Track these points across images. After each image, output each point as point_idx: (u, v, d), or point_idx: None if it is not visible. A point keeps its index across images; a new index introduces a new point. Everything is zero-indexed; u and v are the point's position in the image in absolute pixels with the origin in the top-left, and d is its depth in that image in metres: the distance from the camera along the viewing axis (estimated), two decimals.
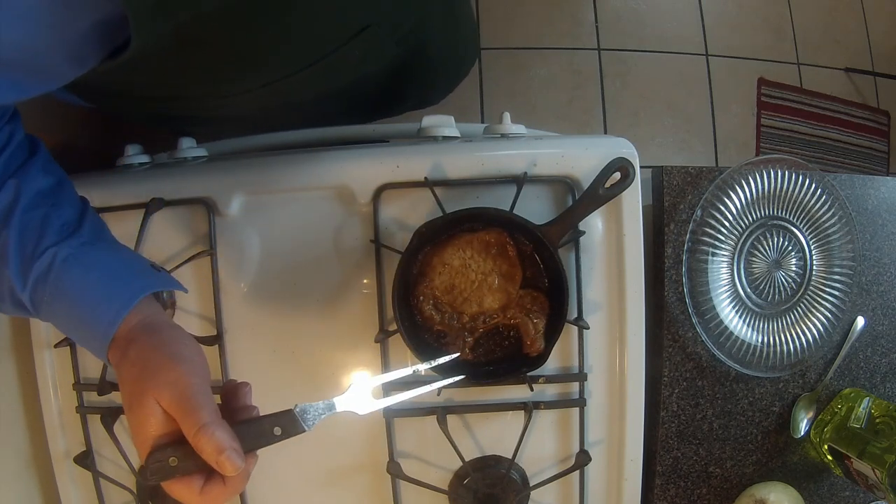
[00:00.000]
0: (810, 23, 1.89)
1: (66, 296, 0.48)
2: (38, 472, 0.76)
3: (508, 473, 0.70)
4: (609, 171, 0.63)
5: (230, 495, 0.46)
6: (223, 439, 0.43)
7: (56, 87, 0.45)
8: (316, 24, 0.59)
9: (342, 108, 0.87)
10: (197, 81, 0.62)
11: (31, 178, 0.51)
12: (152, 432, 0.44)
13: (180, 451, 0.44)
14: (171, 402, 0.44)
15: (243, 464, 0.44)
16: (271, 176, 0.69)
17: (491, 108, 1.69)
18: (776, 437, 0.80)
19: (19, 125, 0.52)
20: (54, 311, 0.49)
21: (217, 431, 0.43)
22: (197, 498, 0.45)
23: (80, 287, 0.48)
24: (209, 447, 0.43)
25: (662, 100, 1.78)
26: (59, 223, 0.50)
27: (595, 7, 1.78)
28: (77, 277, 0.48)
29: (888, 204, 0.82)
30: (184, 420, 0.44)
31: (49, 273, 0.48)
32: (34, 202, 0.50)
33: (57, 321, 0.50)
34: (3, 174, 0.50)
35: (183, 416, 0.44)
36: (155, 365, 0.45)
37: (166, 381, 0.44)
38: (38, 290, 0.48)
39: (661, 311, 0.78)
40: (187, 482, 0.45)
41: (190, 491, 0.45)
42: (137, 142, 0.76)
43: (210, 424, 0.43)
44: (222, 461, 0.43)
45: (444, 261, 0.65)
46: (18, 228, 0.48)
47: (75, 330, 0.50)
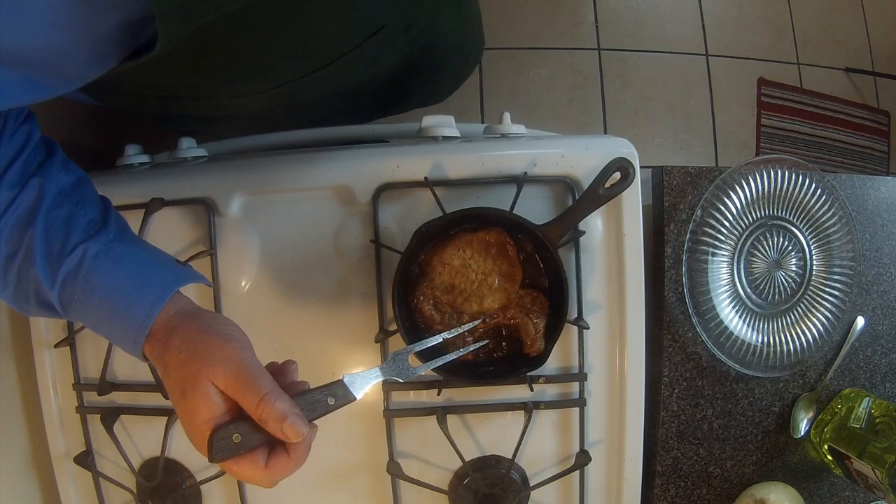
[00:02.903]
0: (810, 23, 1.89)
1: (97, 291, 0.48)
2: (38, 472, 0.76)
3: (508, 473, 0.70)
4: (609, 171, 0.63)
5: (294, 467, 0.46)
6: (285, 407, 0.44)
7: (75, 87, 0.45)
8: (333, 25, 0.59)
9: (348, 106, 0.87)
10: (213, 82, 0.62)
11: (53, 176, 0.50)
12: (210, 414, 0.44)
13: (241, 427, 0.44)
14: (227, 379, 0.44)
15: (307, 429, 0.45)
16: (271, 176, 0.69)
17: (491, 108, 1.69)
18: (776, 437, 0.80)
19: (36, 125, 0.52)
20: (85, 309, 0.48)
21: (278, 400, 0.44)
22: (262, 473, 0.45)
23: (113, 282, 0.48)
24: (272, 415, 0.43)
25: (662, 100, 1.78)
26: (84, 221, 0.50)
27: (595, 7, 1.77)
28: (109, 273, 0.48)
29: (888, 204, 0.82)
30: (244, 394, 0.44)
31: (79, 270, 0.48)
32: (57, 200, 0.50)
33: (87, 318, 0.49)
34: (25, 173, 0.49)
35: (242, 390, 0.44)
36: (204, 348, 0.46)
37: (220, 360, 0.45)
38: (68, 287, 0.48)
39: (661, 311, 0.78)
40: (251, 458, 0.45)
41: (255, 467, 0.45)
42: (137, 142, 0.76)
43: (270, 394, 0.44)
44: (286, 428, 0.44)
45: (444, 261, 0.65)
46: (44, 227, 0.48)
47: (107, 325, 0.49)
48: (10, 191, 0.48)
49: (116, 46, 0.43)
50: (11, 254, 0.48)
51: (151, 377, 0.70)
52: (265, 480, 0.46)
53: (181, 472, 0.72)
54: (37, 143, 0.51)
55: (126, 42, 0.44)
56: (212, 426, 0.44)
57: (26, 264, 0.48)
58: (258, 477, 0.45)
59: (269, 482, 0.46)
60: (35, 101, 0.45)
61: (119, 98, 0.70)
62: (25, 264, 0.48)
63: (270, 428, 0.44)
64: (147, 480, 0.71)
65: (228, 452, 0.44)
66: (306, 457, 0.47)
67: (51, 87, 0.43)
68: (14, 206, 0.48)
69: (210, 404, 0.44)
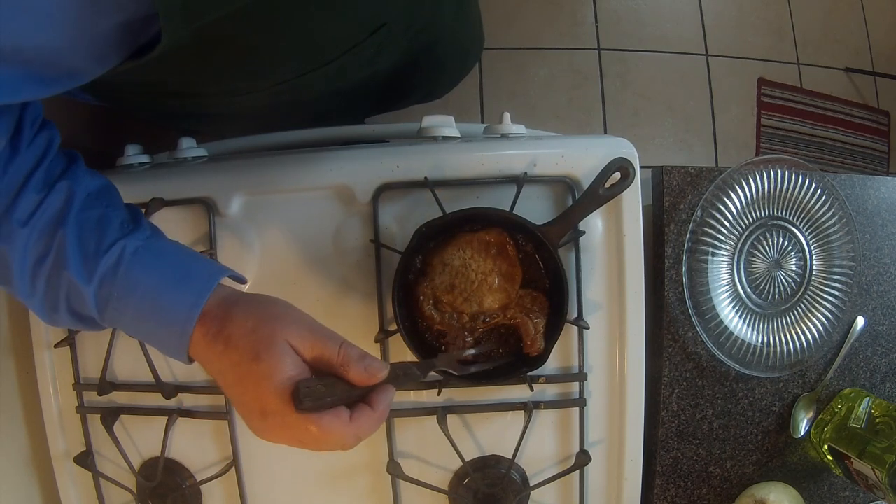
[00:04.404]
0: (810, 23, 1.89)
1: (139, 284, 0.47)
2: (38, 472, 0.76)
3: (508, 473, 0.70)
4: (609, 171, 0.63)
5: (377, 422, 0.47)
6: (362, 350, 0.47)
7: (79, 83, 0.45)
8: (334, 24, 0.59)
9: (349, 103, 0.87)
10: (214, 80, 0.62)
11: (80, 180, 0.50)
12: (289, 373, 0.44)
13: (325, 380, 0.46)
14: (305, 336, 0.46)
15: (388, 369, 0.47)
16: (271, 176, 0.69)
17: (491, 108, 1.69)
18: (776, 437, 0.80)
19: (56, 132, 0.51)
20: (125, 307, 0.47)
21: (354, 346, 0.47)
22: (347, 427, 0.45)
23: (156, 275, 0.47)
24: (354, 355, 0.46)
25: (662, 100, 1.78)
26: (118, 221, 0.49)
27: (595, 7, 1.77)
28: (151, 266, 0.48)
29: (888, 204, 0.82)
30: (325, 344, 0.46)
31: (119, 266, 0.47)
32: (88, 203, 0.49)
33: (126, 317, 0.48)
34: (50, 177, 0.49)
35: (323, 340, 0.46)
36: (272, 313, 0.47)
37: (293, 321, 0.46)
38: (106, 285, 0.47)
39: (661, 311, 0.78)
40: (336, 413, 0.45)
41: (340, 421, 0.45)
42: (137, 142, 0.76)
43: (347, 341, 0.47)
44: (369, 365, 0.46)
45: (444, 261, 0.65)
46: (76, 227, 0.47)
47: (150, 320, 0.47)
48: (36, 194, 0.47)
49: (119, 45, 0.43)
50: (41, 258, 0.47)
51: (151, 377, 0.70)
52: (350, 436, 0.46)
53: (181, 472, 0.72)
54: (58, 149, 0.51)
55: (128, 41, 0.44)
56: (291, 384, 0.44)
57: (57, 268, 0.47)
58: (343, 432, 0.45)
59: (352, 439, 0.46)
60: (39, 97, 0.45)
61: (120, 97, 0.70)
62: (56, 268, 0.47)
63: (353, 369, 0.46)
64: (147, 480, 0.71)
65: (315, 399, 0.44)
66: (387, 413, 0.48)
67: (54, 83, 0.43)
68: (42, 208, 0.47)
69: (288, 363, 0.45)
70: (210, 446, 0.72)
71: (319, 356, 0.46)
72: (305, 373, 0.46)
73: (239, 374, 0.45)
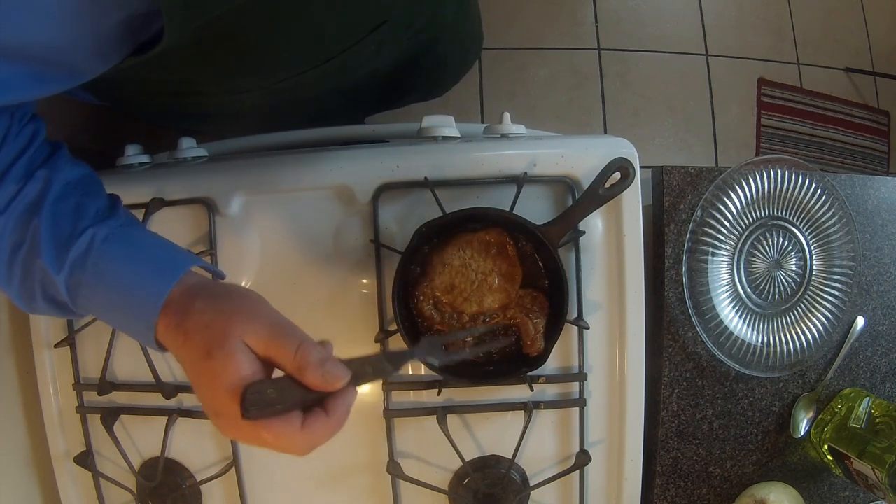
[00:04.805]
0: (810, 23, 1.89)
1: (108, 272, 0.46)
2: (38, 472, 0.76)
3: (508, 473, 0.70)
4: (609, 171, 0.63)
5: (332, 429, 0.44)
6: (324, 353, 0.43)
7: (81, 81, 0.45)
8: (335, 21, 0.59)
9: (349, 101, 0.88)
10: (215, 78, 0.62)
11: (60, 169, 0.50)
12: (240, 373, 0.42)
13: (276, 384, 0.43)
14: (260, 334, 0.43)
15: (347, 375, 0.43)
16: (271, 176, 0.69)
17: (491, 108, 1.69)
18: (776, 437, 0.80)
19: (42, 124, 0.52)
20: (94, 294, 0.47)
21: (316, 348, 0.43)
22: (299, 434, 0.43)
23: (125, 262, 0.47)
24: (312, 359, 0.42)
25: (662, 100, 1.78)
26: (93, 209, 0.49)
27: (595, 7, 1.77)
28: (120, 254, 0.47)
29: (888, 204, 0.82)
30: (280, 344, 0.43)
31: (89, 253, 0.46)
32: (65, 192, 0.49)
33: (96, 304, 0.47)
34: (31, 167, 0.49)
35: (278, 340, 0.43)
36: (231, 307, 0.44)
37: (250, 317, 0.43)
38: (76, 272, 0.46)
39: (661, 311, 0.78)
40: (287, 419, 0.42)
41: (291, 427, 0.42)
42: (137, 142, 0.76)
43: (308, 342, 0.43)
44: (327, 372, 0.42)
45: (444, 261, 0.65)
46: (51, 216, 0.47)
47: (119, 308, 0.47)
48: (15, 184, 0.47)
49: (120, 42, 0.43)
50: (16, 246, 0.47)
51: (151, 377, 0.70)
52: (301, 444, 0.43)
53: (181, 472, 0.72)
54: (43, 140, 0.51)
55: (130, 38, 0.44)
56: (242, 385, 0.42)
57: (31, 256, 0.47)
58: (294, 439, 0.43)
59: (305, 446, 0.43)
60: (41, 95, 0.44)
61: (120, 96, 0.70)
62: (30, 256, 0.47)
63: (309, 375, 0.42)
64: (147, 480, 0.71)
65: (262, 407, 0.41)
66: (345, 420, 0.45)
67: (56, 81, 0.43)
68: (19, 197, 0.47)
69: (240, 362, 0.42)
70: (210, 446, 0.72)
71: (274, 356, 0.43)
72: (259, 373, 0.43)
73: (195, 371, 0.44)
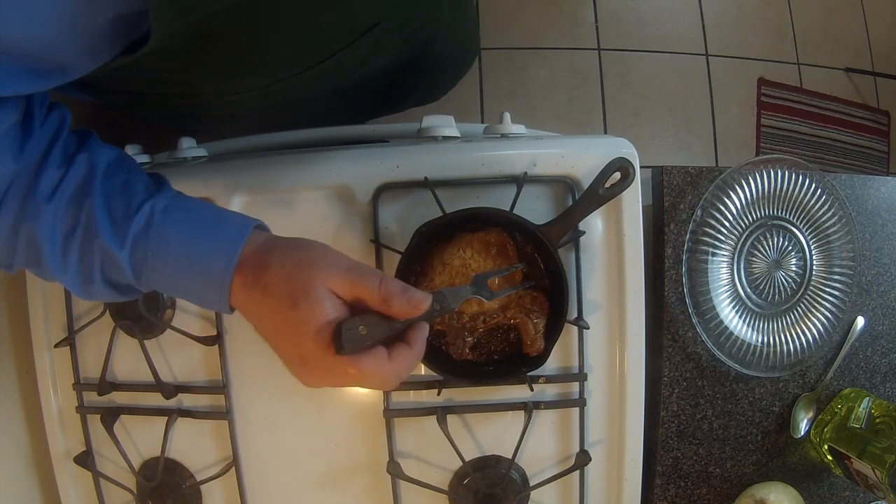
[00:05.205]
0: (810, 23, 1.89)
1: (173, 241, 0.47)
2: (38, 472, 0.76)
3: (508, 473, 0.70)
4: (609, 171, 0.63)
5: (416, 358, 0.48)
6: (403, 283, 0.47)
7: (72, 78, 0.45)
8: (327, 22, 0.59)
9: (345, 104, 0.88)
10: (208, 79, 0.62)
11: (98, 151, 0.50)
12: (329, 317, 0.45)
13: (366, 320, 0.46)
14: (344, 277, 0.46)
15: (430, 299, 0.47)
16: (271, 176, 0.69)
17: (491, 108, 1.69)
18: (776, 437, 0.80)
19: (67, 111, 0.52)
20: (161, 265, 0.47)
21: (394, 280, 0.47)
22: (388, 365, 0.46)
23: (189, 228, 0.47)
24: (396, 289, 0.46)
25: (662, 100, 1.78)
26: (142, 185, 0.49)
27: (595, 7, 1.77)
28: (183, 221, 0.48)
29: (888, 204, 0.82)
30: (364, 282, 0.46)
31: (150, 226, 0.47)
32: (110, 171, 0.49)
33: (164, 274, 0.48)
34: (68, 152, 0.49)
35: (361, 280, 0.46)
36: (309, 257, 0.46)
37: (330, 265, 0.46)
38: (140, 245, 0.47)
39: (661, 311, 0.78)
40: (376, 353, 0.46)
41: (380, 360, 0.45)
42: (137, 142, 0.76)
43: (386, 276, 0.46)
44: (411, 297, 0.46)
45: (444, 261, 0.65)
46: (102, 195, 0.47)
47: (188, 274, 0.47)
48: (58, 169, 0.47)
49: (111, 40, 0.43)
50: (70, 230, 0.47)
51: (151, 377, 0.70)
52: (390, 375, 0.46)
53: (181, 472, 0.72)
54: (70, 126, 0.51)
55: (121, 36, 0.44)
56: (331, 328, 0.44)
57: (88, 238, 0.47)
58: (384, 371, 0.46)
59: (393, 377, 0.46)
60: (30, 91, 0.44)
61: (117, 96, 0.70)
62: (87, 238, 0.47)
63: (395, 303, 0.45)
64: (147, 480, 0.71)
65: (356, 343, 0.45)
66: (423, 351, 0.48)
67: (46, 77, 0.43)
68: (66, 182, 0.47)
69: (328, 306, 0.45)
70: (210, 446, 0.72)
71: (359, 295, 0.46)
72: (344, 315, 0.46)
73: (277, 321, 0.46)
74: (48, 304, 0.72)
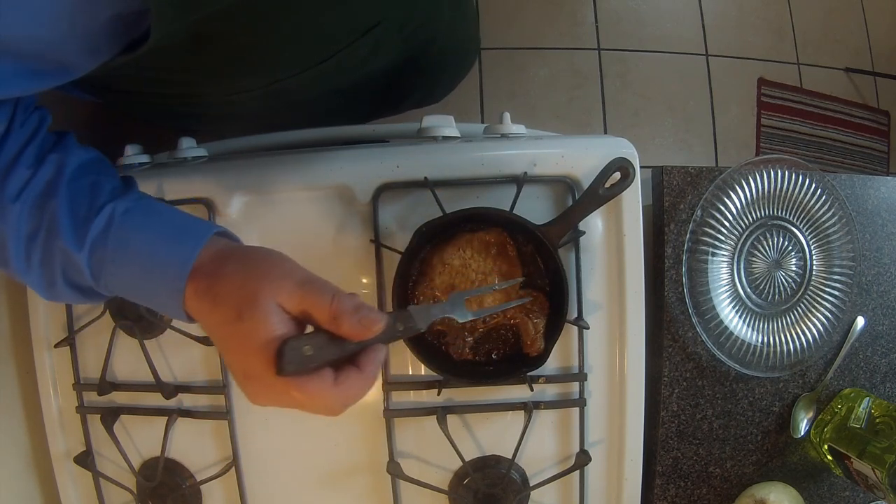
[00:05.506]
0: (810, 23, 1.89)
1: (131, 244, 0.45)
2: (38, 472, 0.76)
3: (508, 473, 0.70)
4: (609, 171, 0.63)
5: (365, 384, 0.44)
6: (358, 301, 0.43)
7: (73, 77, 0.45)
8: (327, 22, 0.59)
9: (345, 104, 0.88)
10: (208, 79, 0.62)
11: (71, 152, 0.49)
12: (274, 333, 0.41)
13: (312, 339, 0.42)
14: (294, 291, 0.42)
15: (383, 321, 0.43)
16: (271, 176, 0.69)
17: (491, 108, 1.69)
18: (776, 437, 0.80)
19: (47, 114, 0.51)
20: (118, 268, 0.46)
21: (348, 296, 0.43)
22: (333, 390, 0.42)
23: (147, 231, 0.46)
24: (347, 307, 0.42)
25: (662, 100, 1.78)
26: (109, 187, 0.48)
27: (595, 7, 1.77)
28: (141, 224, 0.46)
29: (888, 204, 0.82)
30: (315, 298, 0.42)
31: (109, 227, 0.46)
32: (79, 172, 0.48)
33: (121, 279, 0.46)
34: (41, 152, 0.48)
35: (312, 294, 0.42)
36: (261, 269, 0.44)
37: (281, 276, 0.43)
38: (98, 248, 0.46)
39: (661, 311, 0.78)
40: (321, 376, 0.42)
41: (324, 384, 0.42)
42: (137, 142, 0.76)
43: (340, 291, 0.43)
44: (363, 318, 0.42)
45: (444, 261, 0.65)
46: (67, 196, 0.46)
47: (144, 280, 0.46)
48: (27, 169, 0.47)
49: (111, 39, 0.43)
50: (33, 232, 0.46)
51: (151, 377, 0.70)
52: (335, 401, 0.43)
53: (181, 472, 0.72)
54: (49, 127, 0.51)
55: (121, 35, 0.43)
56: (275, 344, 0.41)
57: (50, 239, 0.46)
58: (328, 396, 0.42)
59: (339, 403, 0.43)
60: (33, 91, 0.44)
61: (117, 95, 0.70)
62: (49, 239, 0.46)
63: (346, 322, 0.42)
64: (147, 480, 0.71)
65: (299, 364, 0.41)
66: (376, 377, 0.44)
67: (46, 77, 0.43)
68: (33, 182, 0.47)
69: (274, 321, 0.42)
70: (210, 446, 0.72)
71: (308, 311, 0.43)
72: (292, 331, 0.43)
73: (224, 334, 0.43)
74: (48, 304, 0.72)
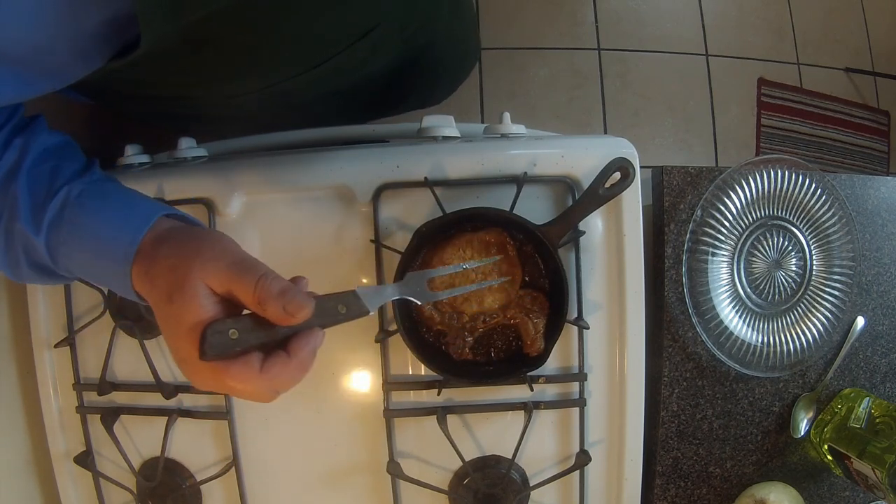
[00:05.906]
0: (810, 23, 1.89)
1: (83, 227, 0.46)
2: (38, 472, 0.76)
3: (508, 473, 0.70)
4: (609, 171, 0.63)
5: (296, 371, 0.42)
6: (286, 284, 0.41)
7: (64, 84, 0.45)
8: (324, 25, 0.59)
9: (344, 107, 0.87)
10: (204, 82, 0.62)
11: (37, 136, 0.50)
12: (200, 315, 0.40)
13: (239, 323, 0.40)
14: (220, 273, 0.41)
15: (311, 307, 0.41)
16: (271, 176, 0.69)
17: (491, 108, 1.69)
18: (776, 437, 0.80)
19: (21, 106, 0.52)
20: (72, 250, 0.46)
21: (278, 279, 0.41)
22: (258, 377, 0.40)
23: (98, 214, 0.46)
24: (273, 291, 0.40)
25: (662, 100, 1.78)
26: (69, 171, 0.49)
27: (595, 7, 1.77)
28: (93, 207, 0.47)
29: (888, 204, 0.82)
30: (240, 279, 0.40)
31: (64, 210, 0.46)
32: (42, 157, 0.49)
33: (75, 261, 0.47)
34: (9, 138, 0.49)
35: (238, 276, 0.40)
36: (193, 249, 0.42)
37: (211, 258, 0.41)
38: (54, 231, 0.46)
39: (661, 311, 0.78)
40: (246, 361, 0.40)
41: (249, 370, 0.40)
42: (137, 142, 0.76)
43: (269, 274, 0.41)
44: (289, 303, 0.40)
45: (444, 261, 0.65)
46: (27, 180, 0.47)
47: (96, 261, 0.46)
48: None
49: (102, 44, 0.43)
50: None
51: (151, 377, 0.70)
52: (261, 387, 0.41)
53: (181, 472, 0.72)
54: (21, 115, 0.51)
55: (112, 40, 0.43)
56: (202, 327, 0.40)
57: (12, 221, 0.47)
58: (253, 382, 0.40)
59: (266, 390, 0.41)
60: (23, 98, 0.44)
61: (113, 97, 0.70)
62: (11, 222, 0.47)
63: (270, 307, 0.40)
64: (147, 480, 0.71)
65: (222, 348, 0.39)
66: (310, 364, 0.42)
67: (38, 82, 0.43)
68: None
69: (200, 304, 0.40)
70: (210, 446, 0.72)
71: (234, 291, 0.41)
72: (220, 314, 0.41)
73: (160, 316, 0.42)
74: (48, 304, 0.72)
